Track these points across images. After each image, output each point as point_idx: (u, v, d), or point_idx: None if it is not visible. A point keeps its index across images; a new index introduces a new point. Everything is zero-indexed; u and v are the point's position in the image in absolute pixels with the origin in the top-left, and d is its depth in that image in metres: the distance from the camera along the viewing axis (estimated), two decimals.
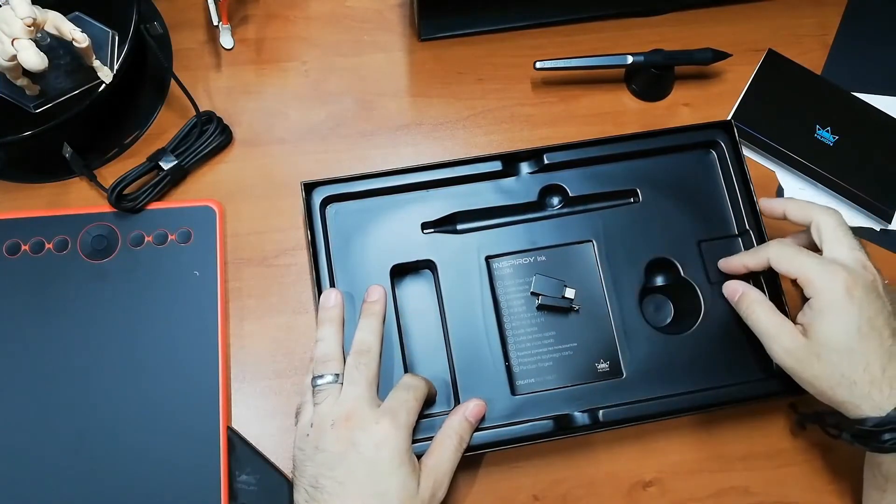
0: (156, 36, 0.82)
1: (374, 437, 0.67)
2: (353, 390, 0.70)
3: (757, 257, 0.76)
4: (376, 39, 0.95)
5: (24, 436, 0.77)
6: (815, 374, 0.69)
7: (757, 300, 0.75)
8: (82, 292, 0.81)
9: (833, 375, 0.68)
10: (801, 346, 0.70)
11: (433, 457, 0.70)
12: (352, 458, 0.66)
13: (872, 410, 0.67)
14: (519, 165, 0.83)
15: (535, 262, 0.81)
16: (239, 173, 0.89)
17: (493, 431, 0.75)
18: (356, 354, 0.73)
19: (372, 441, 0.67)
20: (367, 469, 0.66)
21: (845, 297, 0.68)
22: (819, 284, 0.69)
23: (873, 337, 0.68)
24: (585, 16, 0.97)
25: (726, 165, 0.84)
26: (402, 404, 0.70)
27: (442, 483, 0.69)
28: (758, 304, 0.74)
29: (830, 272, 0.69)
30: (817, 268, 0.70)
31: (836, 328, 0.68)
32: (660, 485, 0.81)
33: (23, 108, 0.78)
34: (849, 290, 0.68)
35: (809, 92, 0.94)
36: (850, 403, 0.68)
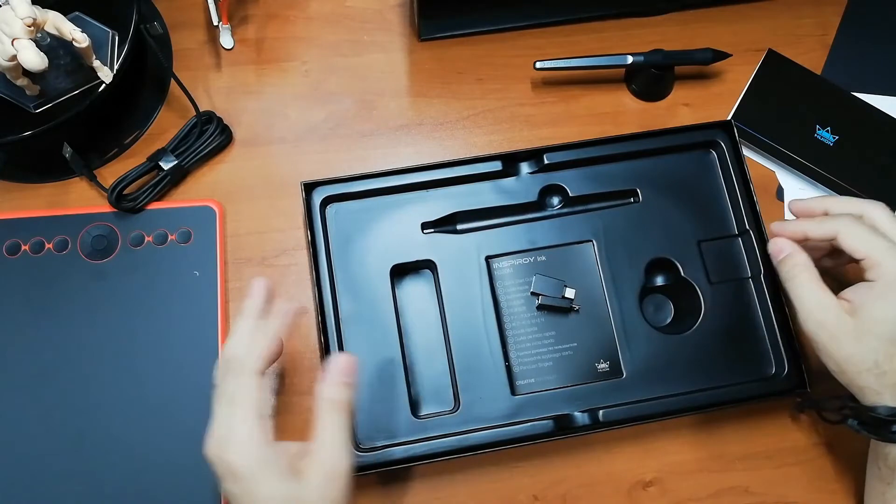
0: (156, 36, 0.82)
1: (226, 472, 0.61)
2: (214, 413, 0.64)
3: (823, 228, 0.72)
4: (376, 39, 0.95)
5: (24, 436, 0.77)
6: (848, 355, 0.68)
7: (803, 265, 0.72)
8: (82, 292, 0.81)
9: (866, 360, 0.67)
10: (843, 323, 0.68)
11: (317, 437, 0.62)
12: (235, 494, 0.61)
13: (892, 400, 0.67)
14: (519, 165, 0.84)
15: (535, 262, 0.81)
16: (239, 173, 0.89)
17: (492, 431, 0.75)
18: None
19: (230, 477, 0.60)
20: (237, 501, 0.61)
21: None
22: (887, 268, 0.68)
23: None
24: (585, 16, 0.97)
25: (726, 165, 0.84)
26: (224, 420, 0.62)
27: (339, 458, 0.61)
28: (804, 270, 0.71)
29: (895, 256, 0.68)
30: (886, 251, 0.68)
31: (891, 315, 0.67)
32: (660, 485, 0.81)
33: (23, 108, 0.78)
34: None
35: (809, 92, 0.94)
36: (870, 390, 0.67)
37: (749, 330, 0.80)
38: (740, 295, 0.82)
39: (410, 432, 0.76)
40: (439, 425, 0.75)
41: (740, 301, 0.81)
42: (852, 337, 0.67)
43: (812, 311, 0.70)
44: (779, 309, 0.80)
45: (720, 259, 0.82)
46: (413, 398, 0.78)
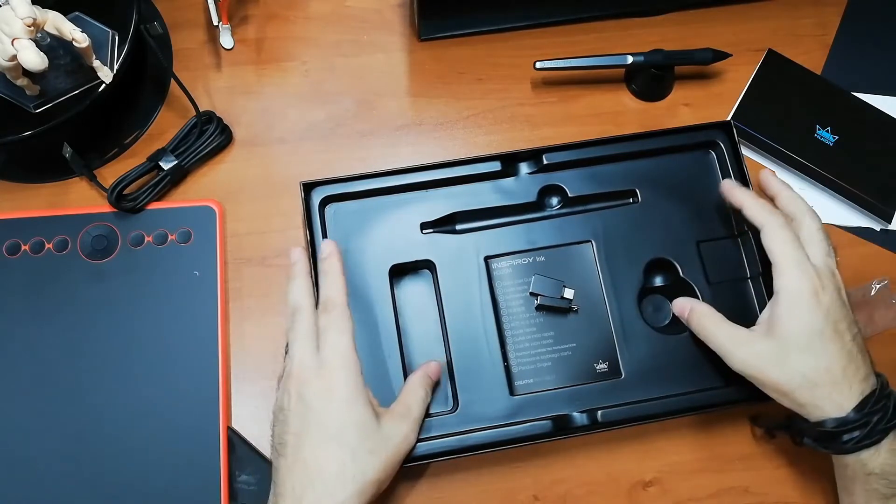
0: (156, 36, 0.82)
1: (316, 389, 0.69)
2: (294, 348, 0.72)
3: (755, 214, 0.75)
4: (376, 39, 0.95)
5: (23, 436, 0.77)
6: (778, 378, 0.69)
7: (706, 314, 0.75)
8: (82, 292, 0.81)
9: (794, 377, 0.68)
10: (763, 349, 0.70)
11: (401, 404, 0.73)
12: (302, 412, 0.68)
13: (834, 411, 0.67)
14: (518, 166, 0.84)
15: (534, 262, 0.81)
16: (239, 173, 0.89)
17: (491, 432, 0.75)
18: (291, 314, 0.75)
19: (315, 393, 0.69)
20: (317, 419, 0.68)
21: (813, 300, 0.69)
22: (790, 281, 0.70)
23: (836, 339, 0.68)
24: (585, 16, 0.97)
25: (725, 166, 0.84)
26: (333, 350, 0.71)
27: (414, 426, 0.72)
28: (707, 318, 0.74)
29: (804, 271, 0.70)
30: (794, 261, 0.70)
31: (803, 328, 0.68)
32: (660, 485, 0.81)
33: (23, 108, 0.78)
34: (816, 294, 0.69)
35: (809, 92, 0.94)
36: (811, 406, 0.68)
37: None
38: (739, 295, 0.81)
39: None
40: (438, 425, 0.75)
41: (739, 301, 0.81)
42: (775, 359, 0.69)
43: (732, 351, 0.71)
44: None
45: (719, 259, 0.82)
46: None
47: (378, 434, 0.69)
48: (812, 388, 0.67)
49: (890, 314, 0.86)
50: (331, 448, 0.67)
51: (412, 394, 0.73)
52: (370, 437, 0.68)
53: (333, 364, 0.70)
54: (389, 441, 0.69)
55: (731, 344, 0.71)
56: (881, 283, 0.87)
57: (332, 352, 0.70)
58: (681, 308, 0.77)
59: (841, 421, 0.66)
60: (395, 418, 0.71)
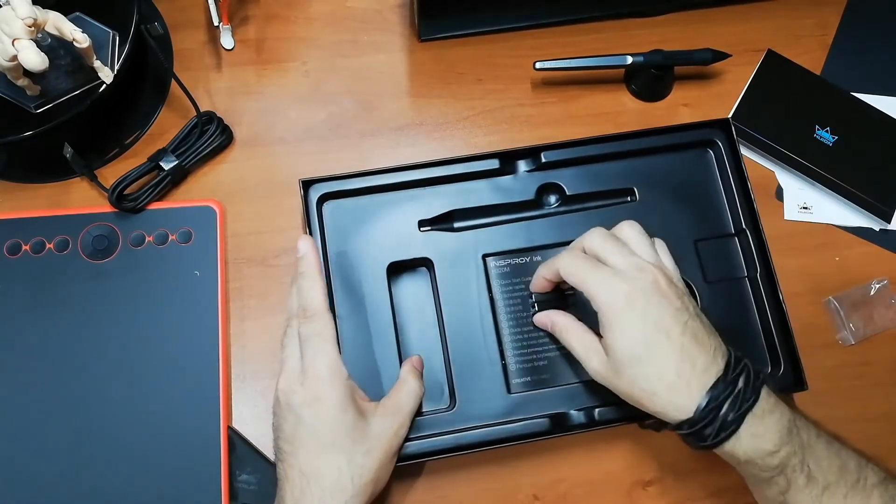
0: (156, 36, 0.82)
1: (303, 398, 0.69)
2: (284, 353, 0.73)
3: (551, 269, 0.73)
4: (376, 40, 0.95)
5: (24, 435, 0.78)
6: (623, 390, 0.67)
7: (565, 326, 0.74)
8: (83, 292, 0.82)
9: (633, 390, 0.66)
10: (604, 364, 0.68)
11: (391, 399, 0.73)
12: (293, 421, 0.69)
13: (679, 414, 0.65)
14: (516, 164, 0.84)
15: (532, 260, 0.81)
16: (239, 173, 0.89)
17: (488, 430, 0.75)
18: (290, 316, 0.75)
19: (302, 402, 0.69)
20: (308, 429, 0.68)
21: (626, 309, 0.66)
22: (601, 300, 0.67)
23: (661, 342, 0.65)
24: (585, 16, 0.97)
25: (723, 164, 0.84)
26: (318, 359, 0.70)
27: (404, 420, 0.72)
28: (566, 330, 0.73)
29: (609, 285, 0.67)
30: (597, 283, 0.68)
31: (623, 342, 0.66)
32: (660, 484, 0.81)
33: (23, 108, 0.78)
34: (629, 301, 0.66)
35: (809, 92, 0.94)
36: (660, 412, 0.66)
37: (745, 329, 0.80)
38: (737, 294, 0.81)
39: None
40: (435, 423, 0.75)
41: (737, 300, 0.81)
42: (614, 373, 0.67)
43: (585, 361, 0.70)
44: (775, 308, 0.80)
45: (717, 258, 0.82)
46: None
47: (370, 434, 0.69)
48: (651, 396, 0.65)
49: (890, 314, 0.86)
50: (325, 455, 0.67)
51: (401, 387, 0.74)
52: (363, 439, 0.69)
53: (320, 374, 0.69)
54: (382, 438, 0.70)
55: (585, 355, 0.70)
56: (881, 283, 0.87)
57: (318, 361, 0.70)
58: (541, 323, 0.78)
59: (690, 422, 0.64)
60: (386, 414, 0.71)
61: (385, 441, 0.70)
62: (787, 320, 0.79)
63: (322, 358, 0.70)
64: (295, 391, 0.69)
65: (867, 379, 0.85)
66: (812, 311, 0.87)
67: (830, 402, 0.83)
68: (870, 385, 0.85)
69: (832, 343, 0.86)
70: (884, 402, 0.84)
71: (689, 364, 0.65)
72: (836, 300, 0.86)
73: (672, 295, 0.67)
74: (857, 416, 0.84)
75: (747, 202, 0.82)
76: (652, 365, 0.65)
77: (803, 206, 0.91)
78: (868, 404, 0.84)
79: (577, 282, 0.69)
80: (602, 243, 0.71)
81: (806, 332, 0.81)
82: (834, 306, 0.86)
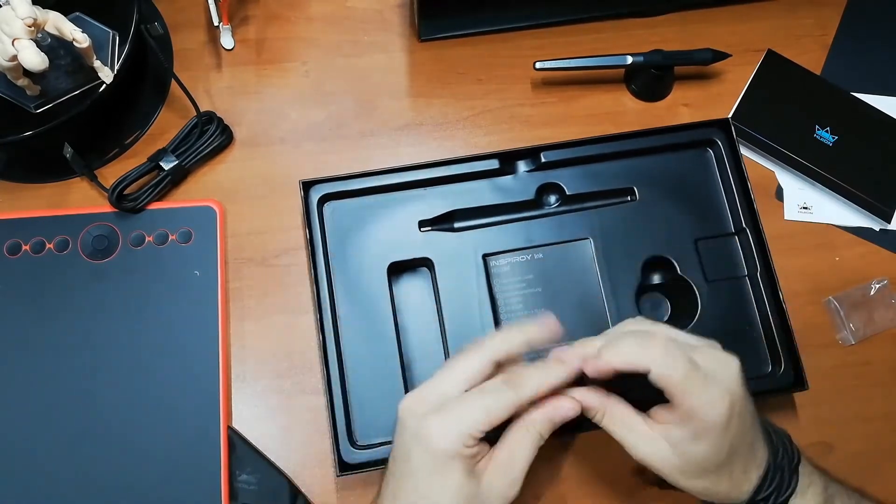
0: (156, 36, 0.82)
1: (416, 432, 0.60)
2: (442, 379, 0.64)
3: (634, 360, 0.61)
4: (376, 40, 0.95)
5: (24, 435, 0.77)
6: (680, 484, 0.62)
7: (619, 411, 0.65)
8: (83, 292, 0.82)
9: (696, 488, 0.62)
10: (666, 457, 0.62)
11: (505, 449, 0.62)
12: (398, 452, 0.62)
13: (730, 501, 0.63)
14: (516, 164, 0.84)
15: (532, 259, 0.81)
16: (239, 173, 0.89)
17: None
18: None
19: (414, 436, 0.61)
20: (410, 468, 0.61)
21: (727, 422, 0.60)
22: (703, 413, 0.60)
23: (744, 448, 0.62)
24: (585, 16, 0.97)
25: (723, 164, 0.84)
26: (463, 399, 0.61)
27: (515, 479, 0.61)
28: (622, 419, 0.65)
29: (715, 397, 0.60)
30: (701, 391, 0.60)
31: (713, 453, 0.61)
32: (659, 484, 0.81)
33: (23, 108, 0.78)
34: (731, 412, 0.60)
35: (809, 92, 0.94)
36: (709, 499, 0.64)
37: (746, 328, 0.80)
38: (737, 293, 0.82)
39: None
40: None
41: (737, 299, 0.81)
42: (678, 471, 0.62)
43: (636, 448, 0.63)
44: (776, 307, 0.80)
45: (717, 257, 0.82)
46: None
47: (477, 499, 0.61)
48: (713, 494, 0.63)
49: (889, 314, 0.86)
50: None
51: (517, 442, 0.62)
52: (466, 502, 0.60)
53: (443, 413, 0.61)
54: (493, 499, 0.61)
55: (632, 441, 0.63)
56: (881, 283, 0.87)
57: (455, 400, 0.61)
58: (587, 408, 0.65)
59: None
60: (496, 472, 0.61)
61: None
62: (788, 320, 0.79)
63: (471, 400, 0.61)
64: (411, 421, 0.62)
65: (867, 379, 0.85)
66: (812, 311, 0.87)
67: (830, 402, 0.83)
68: (870, 385, 0.85)
69: (832, 343, 0.86)
70: (883, 402, 0.84)
71: (752, 459, 0.63)
72: (836, 300, 0.86)
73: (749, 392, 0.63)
74: (856, 416, 0.84)
75: (747, 202, 0.82)
76: (727, 471, 0.62)
77: (803, 205, 0.91)
78: (868, 404, 0.84)
79: (676, 382, 0.60)
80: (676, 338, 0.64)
81: (806, 332, 0.82)
82: (834, 306, 0.86)
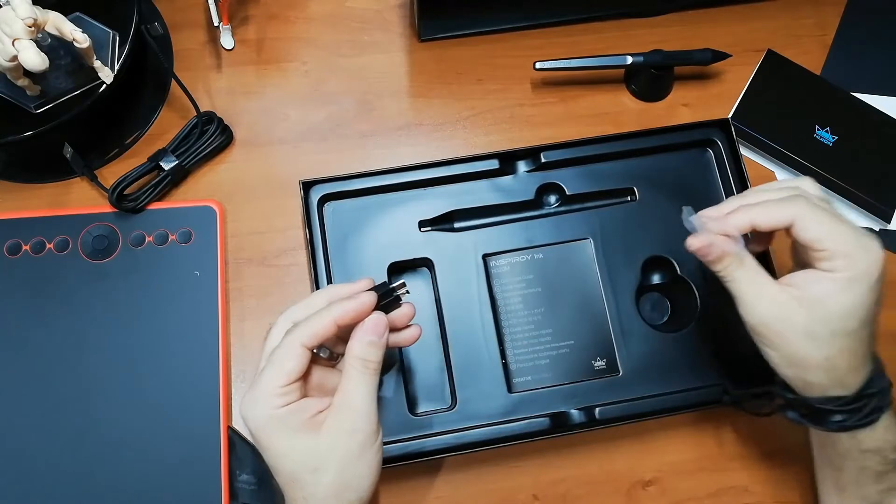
0: (156, 36, 0.82)
1: (249, 429, 0.62)
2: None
3: (775, 214, 0.63)
4: (376, 40, 0.95)
5: (23, 435, 0.77)
6: (798, 350, 0.62)
7: (740, 257, 0.64)
8: (83, 292, 0.82)
9: (818, 356, 0.62)
10: (793, 317, 0.62)
11: (339, 393, 0.62)
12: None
13: (837, 392, 0.63)
14: (516, 164, 0.84)
15: (532, 259, 0.81)
16: (239, 173, 0.89)
17: (489, 429, 0.75)
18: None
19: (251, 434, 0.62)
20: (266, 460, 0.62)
21: (876, 278, 0.61)
22: (856, 261, 0.60)
23: (871, 324, 0.62)
24: (585, 16, 0.97)
25: (723, 164, 0.84)
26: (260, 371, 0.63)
27: (354, 412, 0.61)
28: (743, 263, 0.64)
29: (868, 249, 0.61)
30: (858, 242, 0.61)
31: (852, 313, 0.61)
32: (659, 484, 0.81)
33: (24, 108, 0.78)
34: (880, 270, 0.61)
35: (809, 92, 0.94)
36: (818, 385, 0.63)
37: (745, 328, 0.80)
38: None
39: (407, 430, 0.76)
40: (436, 422, 0.76)
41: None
42: (803, 332, 0.62)
43: (755, 305, 0.64)
44: None
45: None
46: (410, 395, 0.78)
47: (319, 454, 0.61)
48: (830, 369, 0.62)
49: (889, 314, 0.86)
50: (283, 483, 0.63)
51: (348, 381, 0.62)
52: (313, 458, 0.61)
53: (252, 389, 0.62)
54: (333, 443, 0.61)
55: (761, 298, 0.63)
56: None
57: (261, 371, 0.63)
58: (705, 249, 0.65)
59: (843, 401, 0.63)
60: (336, 416, 0.61)
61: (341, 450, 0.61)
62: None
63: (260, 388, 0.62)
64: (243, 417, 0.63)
65: None
66: None
67: None
68: None
69: None
70: None
71: (869, 351, 0.63)
72: None
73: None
74: None
75: None
76: (855, 343, 0.62)
77: None
78: None
79: (822, 235, 0.61)
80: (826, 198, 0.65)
81: None
82: None
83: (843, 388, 0.63)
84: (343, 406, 0.61)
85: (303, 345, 0.62)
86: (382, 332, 0.64)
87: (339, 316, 0.62)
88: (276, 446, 0.61)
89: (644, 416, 0.76)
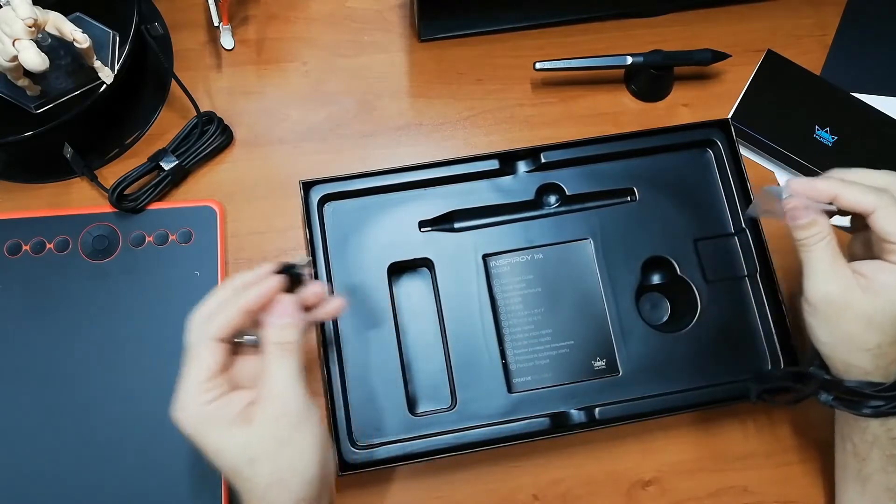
0: (156, 36, 0.83)
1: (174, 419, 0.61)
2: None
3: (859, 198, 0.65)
4: (376, 40, 0.95)
5: (24, 436, 0.78)
6: (852, 332, 0.64)
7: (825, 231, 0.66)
8: (83, 292, 0.82)
9: (870, 341, 0.64)
10: (854, 300, 0.64)
11: (261, 380, 0.62)
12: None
13: (880, 378, 0.64)
14: (516, 164, 0.84)
15: (532, 259, 0.81)
16: (239, 173, 0.89)
17: (489, 429, 0.75)
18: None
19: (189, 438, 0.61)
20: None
21: None
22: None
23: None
24: (585, 16, 0.97)
25: (723, 164, 0.84)
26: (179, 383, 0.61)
27: (281, 398, 0.61)
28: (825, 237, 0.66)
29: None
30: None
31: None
32: (659, 484, 0.81)
33: (24, 108, 0.79)
34: None
35: (809, 92, 0.94)
36: (859, 369, 0.65)
37: (745, 328, 0.80)
38: (736, 293, 0.81)
39: (407, 430, 0.76)
40: (436, 423, 0.76)
41: (736, 299, 0.81)
42: (862, 316, 0.63)
43: (823, 282, 0.65)
44: (775, 307, 0.80)
45: (716, 257, 0.82)
46: (410, 396, 0.78)
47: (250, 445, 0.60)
48: (879, 356, 0.64)
49: None
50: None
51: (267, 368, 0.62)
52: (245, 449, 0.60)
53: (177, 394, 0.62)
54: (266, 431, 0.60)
55: (830, 275, 0.65)
56: None
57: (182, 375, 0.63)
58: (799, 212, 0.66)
59: (883, 387, 0.64)
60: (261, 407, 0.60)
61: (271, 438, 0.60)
62: (787, 320, 0.79)
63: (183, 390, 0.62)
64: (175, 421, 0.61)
65: None
66: None
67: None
68: None
69: None
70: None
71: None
72: None
73: None
74: None
75: (747, 202, 0.82)
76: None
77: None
78: None
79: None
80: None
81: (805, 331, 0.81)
82: None
83: (885, 375, 0.65)
84: (266, 393, 0.61)
85: (214, 338, 0.62)
86: (292, 312, 0.64)
87: (245, 303, 0.63)
88: (210, 443, 0.60)
89: (644, 416, 0.76)
